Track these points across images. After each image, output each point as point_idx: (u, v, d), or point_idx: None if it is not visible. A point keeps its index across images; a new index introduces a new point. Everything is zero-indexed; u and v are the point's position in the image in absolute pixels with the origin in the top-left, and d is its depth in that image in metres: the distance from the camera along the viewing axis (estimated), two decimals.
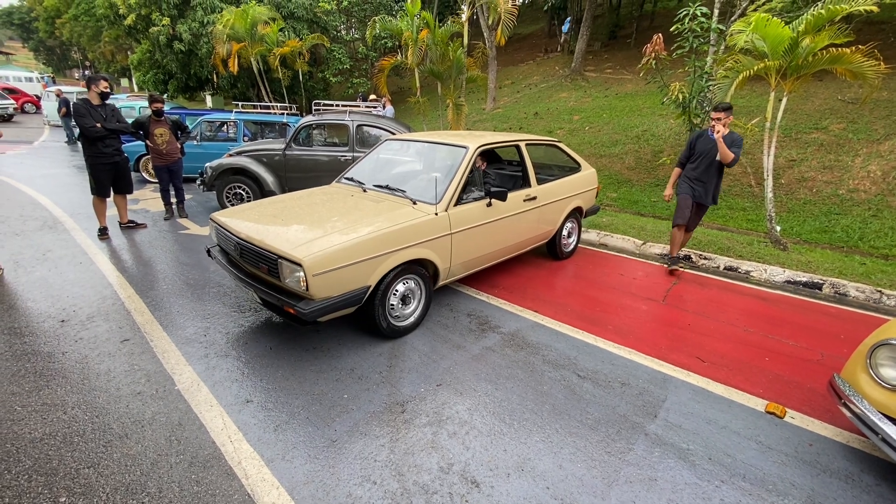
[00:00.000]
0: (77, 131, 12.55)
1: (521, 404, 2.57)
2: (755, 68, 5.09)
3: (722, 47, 8.00)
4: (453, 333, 3.32)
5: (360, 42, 16.89)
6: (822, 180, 7.60)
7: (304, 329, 3.33)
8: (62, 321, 3.39)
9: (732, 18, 8.31)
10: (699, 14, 6.75)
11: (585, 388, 2.74)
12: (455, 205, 3.43)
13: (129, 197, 5.94)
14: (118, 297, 3.79)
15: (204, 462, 2.13)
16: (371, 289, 2.94)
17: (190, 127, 7.12)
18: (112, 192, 5.53)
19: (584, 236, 5.85)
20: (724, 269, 4.97)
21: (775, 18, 5.04)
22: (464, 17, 8.17)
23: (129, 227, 5.72)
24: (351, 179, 4.08)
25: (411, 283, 3.27)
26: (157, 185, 8.20)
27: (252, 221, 3.25)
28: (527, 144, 4.40)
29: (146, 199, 7.38)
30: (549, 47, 21.38)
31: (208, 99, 20.48)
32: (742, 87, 5.60)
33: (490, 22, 8.70)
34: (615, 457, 2.22)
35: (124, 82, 36.50)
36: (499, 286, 4.21)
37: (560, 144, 4.97)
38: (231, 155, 6.39)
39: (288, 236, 2.87)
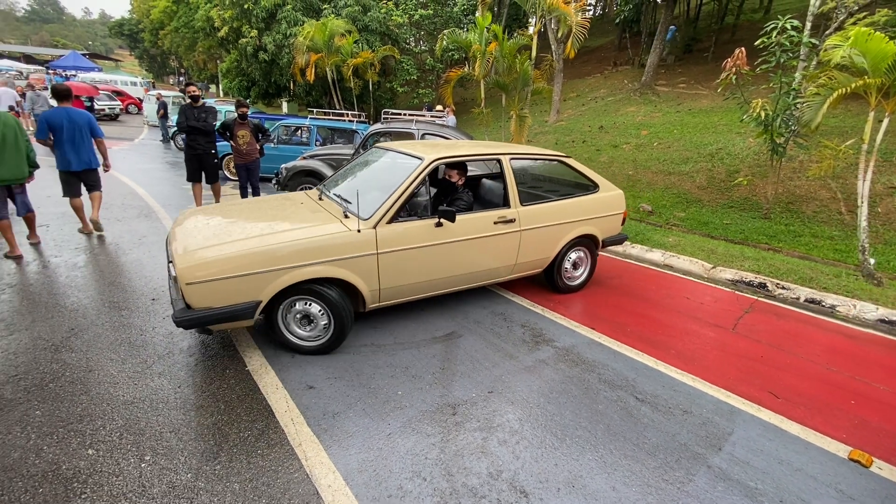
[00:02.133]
0: (171, 131, 13.82)
1: (574, 420, 2.52)
2: (853, 86, 4.69)
3: (813, 63, 7.46)
4: (506, 343, 3.32)
5: (428, 54, 17.37)
6: None
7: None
8: (153, 299, 3.76)
9: (827, 32, 7.72)
10: (789, 27, 6.33)
11: (643, 411, 2.64)
12: (390, 222, 3.08)
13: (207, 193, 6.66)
14: None
15: (268, 440, 2.28)
16: (264, 304, 2.74)
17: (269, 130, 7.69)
18: (203, 181, 6.43)
19: (648, 255, 5.62)
20: (805, 301, 4.58)
21: (878, 33, 4.63)
22: (532, 29, 8.19)
23: None
24: (324, 185, 3.92)
25: (314, 307, 2.95)
26: (237, 183, 8.93)
27: (192, 220, 3.25)
28: (513, 159, 3.80)
29: (225, 195, 7.97)
30: (619, 60, 20.84)
31: (284, 105, 21.87)
32: (836, 106, 5.18)
33: (559, 35, 8.67)
34: (673, 486, 2.12)
35: (212, 88, 39.91)
36: (554, 300, 4.15)
37: (568, 160, 4.19)
38: (305, 158, 6.80)
39: (193, 241, 2.82)
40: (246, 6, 14.56)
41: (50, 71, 28.29)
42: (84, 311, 3.49)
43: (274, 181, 6.90)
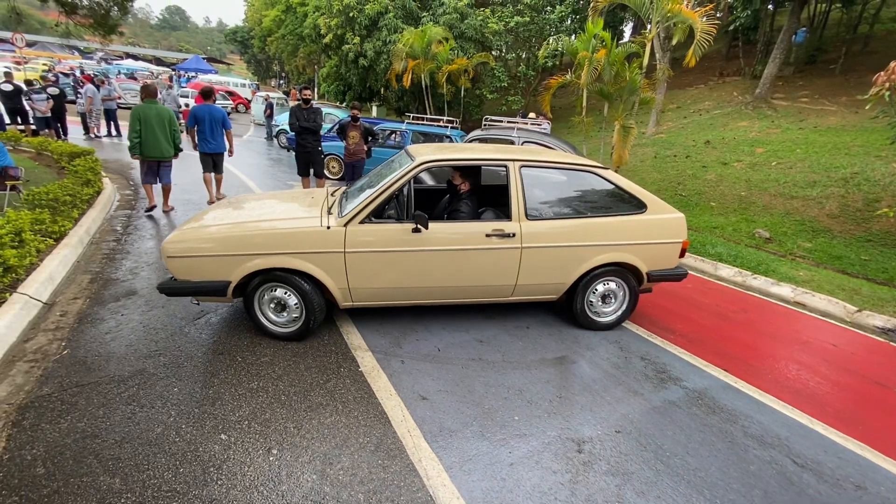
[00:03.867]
0: (276, 129, 14.84)
1: (722, 480, 2.19)
2: None
3: None
4: (627, 376, 3.03)
5: (521, 61, 17.17)
6: None
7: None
8: None
9: None
10: None
11: (807, 480, 2.24)
12: (363, 222, 3.00)
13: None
14: None
15: (388, 450, 2.22)
16: (233, 284, 2.94)
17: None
18: (311, 174, 6.95)
19: (774, 290, 4.97)
20: None
21: None
22: (650, 35, 7.70)
23: None
24: (355, 182, 3.98)
25: (288, 295, 3.06)
26: (334, 182, 9.36)
27: (216, 208, 3.61)
28: (525, 166, 3.33)
29: None
30: (726, 70, 19.22)
31: (374, 109, 22.79)
32: None
33: (674, 42, 8.10)
34: None
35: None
36: (675, 331, 3.76)
37: (606, 173, 3.50)
38: None
39: (193, 222, 3.19)
40: (351, 14, 15.33)
41: (175, 72, 31.98)
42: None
43: None
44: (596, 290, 3.57)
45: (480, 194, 3.89)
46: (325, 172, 10.11)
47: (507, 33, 15.94)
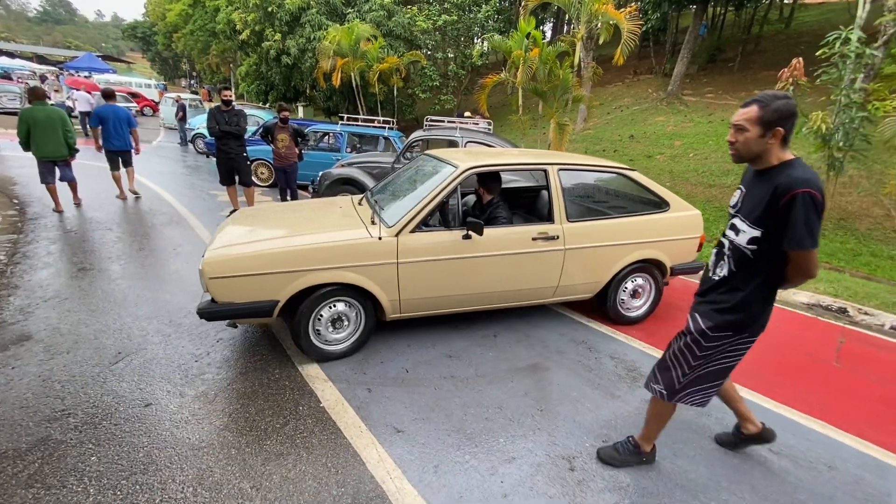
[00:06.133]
0: (191, 134, 13.64)
1: (712, 479, 2.18)
2: None
3: (860, 77, 7.06)
4: (601, 379, 2.98)
5: (451, 60, 17.15)
6: None
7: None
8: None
9: (877, 45, 7.39)
10: (853, 38, 6.02)
11: (785, 467, 2.29)
12: (414, 231, 2.92)
13: (240, 198, 6.41)
14: None
15: (367, 499, 1.95)
16: (282, 304, 2.75)
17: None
18: (236, 184, 6.37)
19: None
20: (892, 328, 4.22)
21: None
22: (578, 34, 7.93)
23: None
24: (371, 191, 3.86)
25: (342, 307, 2.94)
26: (265, 190, 8.67)
27: (234, 219, 3.47)
28: (562, 170, 3.41)
29: (258, 201, 7.69)
30: (639, 69, 20.59)
31: (300, 110, 21.72)
32: None
33: (601, 41, 8.44)
34: None
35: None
36: (636, 326, 3.80)
37: (632, 174, 3.67)
38: (342, 165, 6.52)
39: (223, 239, 2.95)
40: (270, 9, 14.38)
41: (64, 72, 28.31)
42: (128, 332, 3.18)
43: (311, 188, 6.62)
44: (626, 286, 3.69)
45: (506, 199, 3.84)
46: (254, 180, 9.37)
47: (435, 32, 15.83)
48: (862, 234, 7.24)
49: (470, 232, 2.94)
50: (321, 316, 2.90)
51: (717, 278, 1.85)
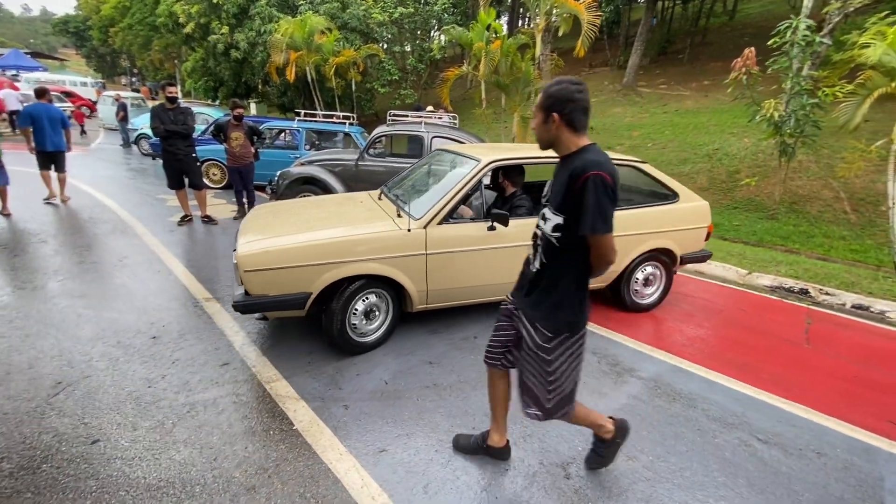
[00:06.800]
0: (135, 135, 12.77)
1: (707, 476, 2.13)
2: (893, 85, 4.58)
3: (807, 65, 7.40)
4: (586, 376, 2.89)
5: (410, 54, 16.85)
6: None
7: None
8: (154, 337, 3.13)
9: (822, 33, 7.76)
10: (803, 27, 6.27)
11: (775, 456, 2.28)
12: (441, 223, 3.03)
13: (190, 202, 5.99)
14: (205, 313, 3.53)
15: None
16: (314, 296, 2.80)
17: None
18: (186, 187, 5.88)
19: None
20: (852, 307, 4.41)
21: None
22: (539, 26, 7.88)
23: (205, 220, 6.02)
24: (387, 186, 3.93)
25: (377, 299, 3.04)
26: (217, 192, 8.16)
27: (256, 218, 3.43)
28: None
29: (211, 205, 7.23)
30: (594, 62, 21.01)
31: (253, 107, 20.82)
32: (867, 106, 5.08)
33: (560, 33, 8.45)
34: None
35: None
36: (610, 318, 3.77)
37: (643, 166, 3.78)
38: (302, 164, 6.19)
39: (255, 234, 2.98)
40: (216, 1, 13.58)
41: None
42: (69, 358, 2.83)
43: (268, 189, 6.25)
44: (640, 274, 3.82)
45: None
46: (206, 181, 8.82)
47: (391, 24, 15.47)
48: (813, 216, 7.62)
49: (495, 223, 2.98)
50: (355, 310, 2.97)
51: (534, 270, 1.79)
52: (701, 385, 2.87)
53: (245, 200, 6.29)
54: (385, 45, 16.20)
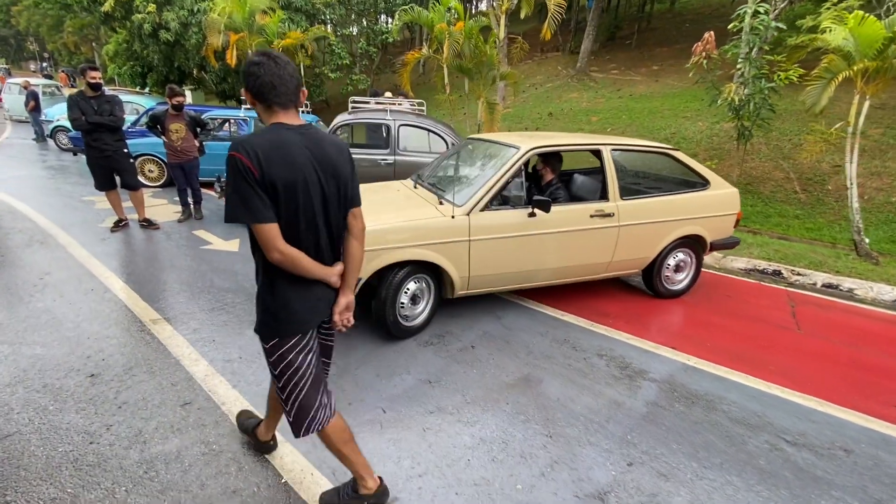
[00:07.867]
0: (50, 128, 11.30)
1: (748, 490, 1.97)
2: (855, 69, 4.68)
3: (755, 50, 7.58)
4: (598, 383, 2.70)
5: (360, 37, 16.02)
6: (872, 187, 7.37)
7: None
8: (91, 375, 2.59)
9: (771, 17, 7.98)
10: (761, 11, 6.36)
11: (808, 460, 2.17)
12: (484, 210, 3.07)
13: (125, 204, 5.25)
14: (155, 338, 3.00)
15: None
16: (363, 281, 2.82)
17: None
18: (119, 187, 5.11)
19: None
20: (823, 286, 4.53)
21: (870, 16, 4.65)
22: (503, 7, 7.57)
23: (144, 225, 5.29)
24: (419, 175, 3.96)
25: (421, 284, 3.12)
26: (156, 191, 7.29)
27: None
28: (614, 150, 3.60)
29: (150, 206, 6.43)
30: (546, 47, 21.04)
31: (189, 94, 19.17)
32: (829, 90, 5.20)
33: (522, 16, 8.17)
34: None
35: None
36: (606, 314, 3.62)
37: (675, 153, 3.84)
38: None
39: None
40: None
41: None
42: None
43: (217, 187, 5.60)
44: (671, 260, 3.86)
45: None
46: (141, 180, 7.88)
47: (338, 5, 14.59)
48: (767, 196, 7.93)
49: (536, 210, 3.08)
50: (403, 297, 3.00)
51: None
52: (714, 383, 2.75)
53: (191, 200, 5.60)
54: (332, 27, 15.28)
